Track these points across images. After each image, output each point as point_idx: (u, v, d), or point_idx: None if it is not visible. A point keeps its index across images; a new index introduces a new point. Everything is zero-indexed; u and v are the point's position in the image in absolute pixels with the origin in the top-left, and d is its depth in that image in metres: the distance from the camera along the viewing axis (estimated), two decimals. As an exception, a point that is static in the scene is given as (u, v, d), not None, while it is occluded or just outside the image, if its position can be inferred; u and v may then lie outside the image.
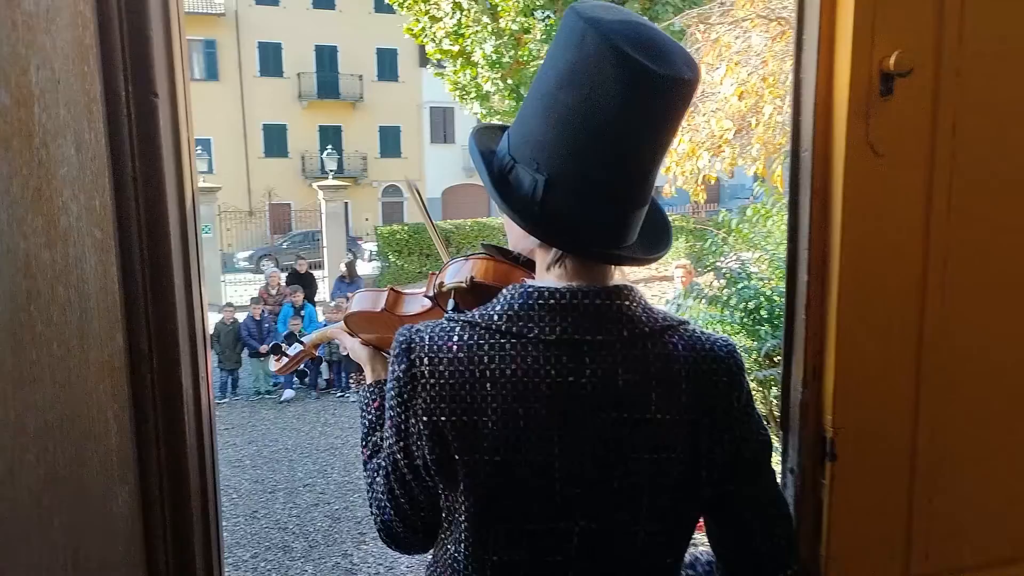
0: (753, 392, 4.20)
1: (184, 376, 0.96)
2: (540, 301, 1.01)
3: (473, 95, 17.55)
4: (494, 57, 16.20)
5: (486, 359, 1.01)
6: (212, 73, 29.17)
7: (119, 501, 0.89)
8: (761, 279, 3.87)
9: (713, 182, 6.78)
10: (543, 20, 16.39)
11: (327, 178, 19.48)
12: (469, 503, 1.03)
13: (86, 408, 0.86)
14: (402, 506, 1.09)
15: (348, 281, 12.58)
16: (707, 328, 3.99)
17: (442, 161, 32.29)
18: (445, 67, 18.11)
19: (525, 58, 16.28)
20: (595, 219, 0.98)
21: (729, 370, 1.03)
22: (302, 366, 9.32)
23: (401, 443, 1.06)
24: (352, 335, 1.52)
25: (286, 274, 13.30)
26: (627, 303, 1.02)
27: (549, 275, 1.05)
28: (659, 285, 14.07)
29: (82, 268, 0.83)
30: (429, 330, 1.05)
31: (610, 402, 1.00)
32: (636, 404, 1.00)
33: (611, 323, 1.01)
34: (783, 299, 1.31)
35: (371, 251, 22.72)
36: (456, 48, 17.05)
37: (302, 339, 1.79)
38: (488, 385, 1.00)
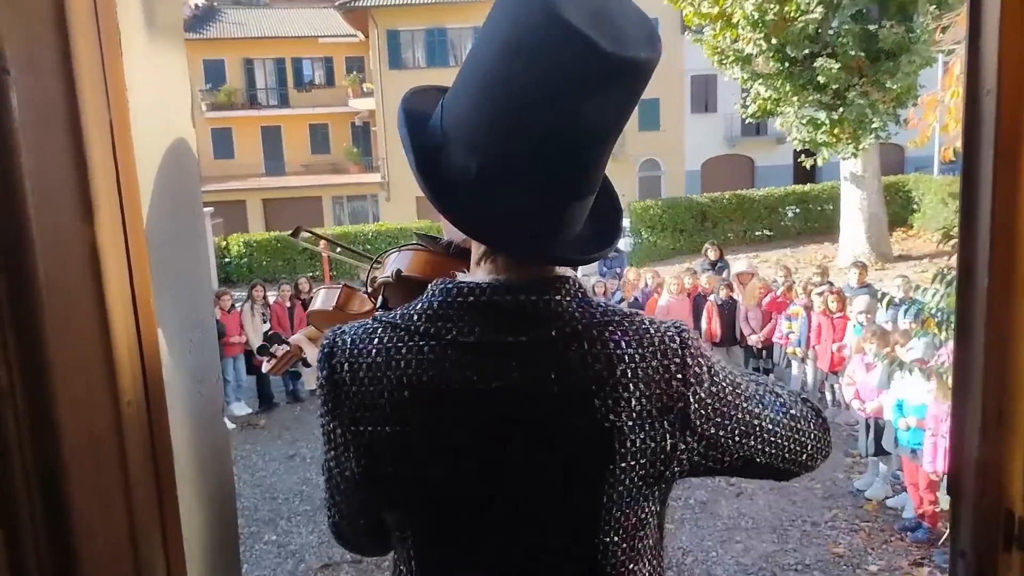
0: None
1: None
2: (459, 299, 0.91)
3: (733, 59, 16.57)
4: (756, 16, 15.12)
5: (403, 363, 0.91)
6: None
7: None
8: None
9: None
10: (813, -29, 14.99)
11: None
12: (410, 521, 0.97)
13: None
14: (343, 513, 1.04)
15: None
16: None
17: (703, 132, 31.10)
18: (704, 32, 17.28)
19: (792, 13, 15.04)
20: (531, 212, 0.87)
21: (683, 363, 0.92)
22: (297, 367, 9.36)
23: (332, 452, 1.00)
24: (320, 334, 1.44)
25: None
26: (558, 297, 0.91)
27: (480, 269, 0.95)
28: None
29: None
30: (352, 332, 0.96)
31: (547, 411, 0.90)
32: (578, 412, 0.89)
33: (537, 322, 0.90)
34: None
35: (625, 227, 22.56)
36: (716, 10, 16.19)
37: (288, 339, 1.74)
38: (407, 392, 0.91)
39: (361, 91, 32.78)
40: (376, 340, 0.94)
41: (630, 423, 0.90)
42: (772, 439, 1.00)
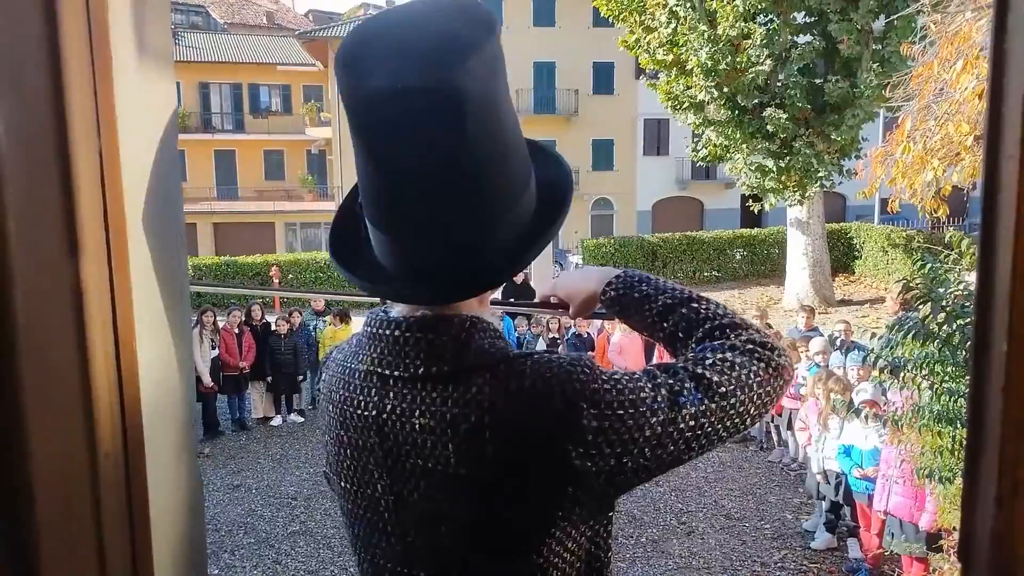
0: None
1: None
2: (367, 328, 0.97)
3: (686, 105, 17.00)
4: (709, 65, 15.57)
5: (336, 381, 1.00)
6: None
7: None
8: (998, 313, 3.19)
9: (948, 194, 5.89)
10: (765, 24, 15.53)
11: (537, 191, 19.72)
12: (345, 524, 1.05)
13: None
14: None
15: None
16: (922, 370, 3.39)
17: (655, 173, 31.71)
18: (658, 78, 17.72)
19: (743, 64, 15.53)
20: (396, 258, 0.93)
21: (555, 414, 0.85)
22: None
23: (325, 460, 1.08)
24: None
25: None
26: (431, 336, 0.91)
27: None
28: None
29: None
30: (341, 345, 1.06)
31: (410, 448, 0.91)
32: (434, 454, 0.89)
33: (408, 357, 0.91)
34: None
35: (576, 263, 22.76)
36: (670, 58, 16.62)
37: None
38: (331, 407, 1.01)
39: (318, 120, 32.66)
40: (342, 356, 1.02)
41: (487, 475, 0.87)
42: (698, 432, 0.91)
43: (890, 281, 18.92)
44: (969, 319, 3.02)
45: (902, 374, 3.30)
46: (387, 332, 0.93)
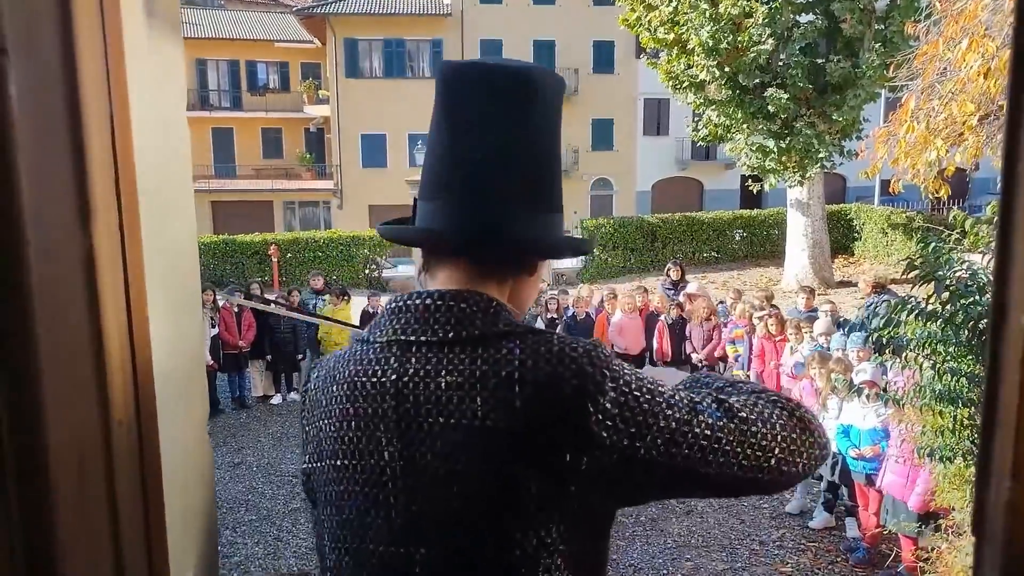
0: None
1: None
2: (390, 306, 1.02)
3: (686, 84, 16.90)
4: (710, 44, 15.45)
5: (342, 364, 1.02)
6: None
7: None
8: (1000, 293, 3.18)
9: (951, 174, 5.86)
10: (767, 3, 15.40)
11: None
12: (323, 519, 1.03)
13: None
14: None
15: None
16: (924, 350, 3.39)
17: (654, 153, 31.59)
18: (659, 57, 17.59)
19: (744, 43, 15.41)
20: (440, 218, 1.00)
21: (579, 370, 0.90)
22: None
23: (302, 458, 1.09)
24: None
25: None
26: (463, 305, 0.97)
27: (424, 287, 1.04)
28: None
29: None
30: (338, 352, 1.07)
31: (431, 407, 0.93)
32: (460, 408, 0.92)
33: (438, 323, 0.96)
34: None
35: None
36: (671, 36, 16.49)
37: None
38: (334, 387, 1.01)
39: (316, 97, 32.45)
40: (342, 353, 1.05)
41: (514, 424, 0.89)
42: (714, 445, 0.92)
43: (890, 262, 18.92)
44: (972, 299, 3.02)
45: (904, 354, 3.29)
46: (415, 303, 0.98)
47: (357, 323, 10.86)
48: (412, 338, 0.96)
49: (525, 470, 0.90)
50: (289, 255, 19.61)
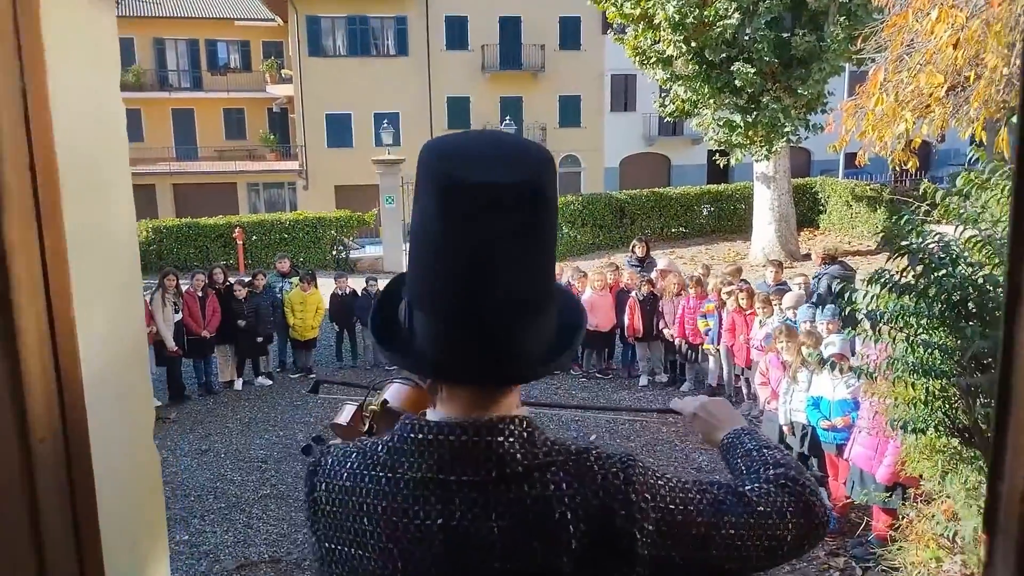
0: (954, 402, 3.54)
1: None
2: (412, 435, 0.97)
3: (653, 59, 16.83)
4: (677, 18, 15.38)
5: (364, 492, 0.98)
6: (402, 48, 30.18)
7: None
8: (971, 265, 3.17)
9: (917, 146, 5.88)
10: (733, -23, 15.34)
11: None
12: None
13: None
14: None
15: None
16: (897, 323, 3.38)
17: (621, 130, 31.53)
18: (626, 32, 17.48)
19: (711, 18, 15.37)
20: (454, 340, 0.93)
21: (626, 500, 0.94)
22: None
23: (316, 563, 1.07)
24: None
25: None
26: (499, 439, 0.94)
27: (440, 406, 1.00)
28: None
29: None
30: (334, 453, 1.05)
31: (487, 552, 0.92)
32: (516, 555, 0.92)
33: (478, 462, 0.94)
34: (1000, 290, 0.86)
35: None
36: (637, 11, 16.39)
37: (329, 443, 2.09)
38: (366, 520, 0.98)
39: (279, 77, 31.83)
40: (348, 464, 1.01)
41: (571, 567, 0.93)
42: (736, 542, 1.01)
43: (854, 235, 19.14)
44: (945, 271, 3.01)
45: (878, 327, 3.29)
46: (448, 439, 0.95)
47: (329, 309, 10.71)
48: (452, 478, 0.94)
49: None
50: (254, 237, 19.28)
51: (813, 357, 4.99)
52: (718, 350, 8.63)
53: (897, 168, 5.93)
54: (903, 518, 4.18)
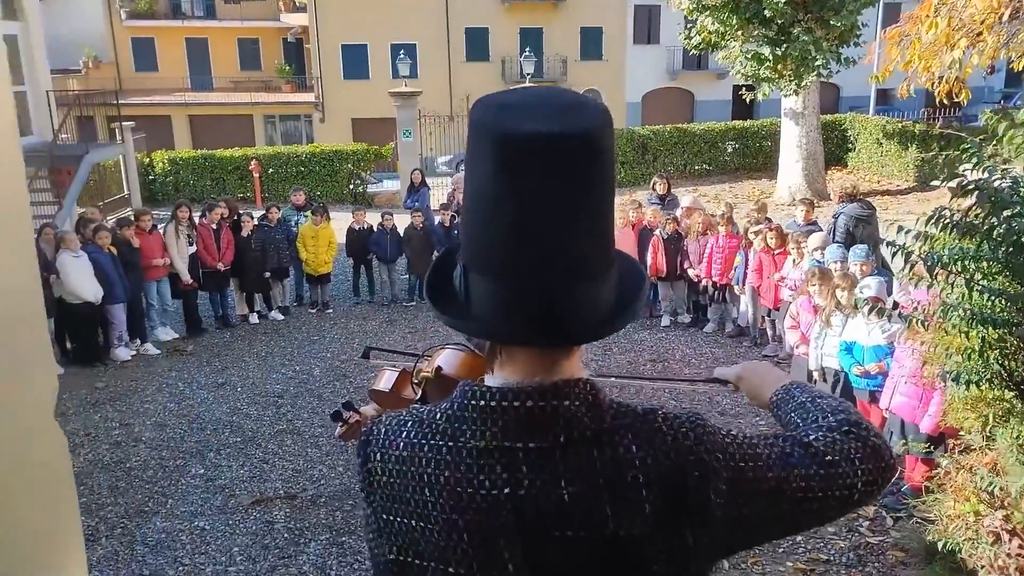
0: (1014, 353, 3.31)
1: None
2: (473, 402, 0.94)
3: (681, -14, 16.17)
4: (706, -57, 14.68)
5: (424, 462, 0.96)
6: None
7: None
8: (1041, 205, 2.90)
9: (966, 77, 5.50)
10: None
11: (524, 82, 19.03)
12: None
13: None
14: None
15: (415, 191, 12.97)
16: (956, 266, 3.14)
17: (645, 63, 30.67)
18: (652, -42, 16.76)
19: (741, -56, 14.66)
20: (513, 301, 0.91)
21: (698, 460, 0.93)
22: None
23: (370, 535, 1.04)
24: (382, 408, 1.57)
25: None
26: (566, 403, 0.92)
27: (498, 372, 0.97)
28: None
29: None
30: (387, 422, 1.02)
31: (558, 519, 0.91)
32: (589, 521, 0.91)
33: (545, 428, 0.92)
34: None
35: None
36: (664, -64, 15.68)
37: (359, 408, 1.87)
38: (427, 491, 0.95)
39: (294, 5, 31.09)
40: (404, 434, 0.98)
41: (646, 529, 0.91)
42: (808, 495, 1.00)
43: (884, 174, 18.61)
44: (1016, 210, 2.75)
45: (935, 271, 3.05)
46: (512, 404, 0.92)
47: (345, 244, 10.56)
48: (519, 445, 0.92)
49: (653, 565, 0.92)
50: (271, 170, 19.06)
51: (858, 302, 4.76)
52: (744, 291, 8.42)
53: (946, 101, 5.57)
54: (939, 469, 4.01)
